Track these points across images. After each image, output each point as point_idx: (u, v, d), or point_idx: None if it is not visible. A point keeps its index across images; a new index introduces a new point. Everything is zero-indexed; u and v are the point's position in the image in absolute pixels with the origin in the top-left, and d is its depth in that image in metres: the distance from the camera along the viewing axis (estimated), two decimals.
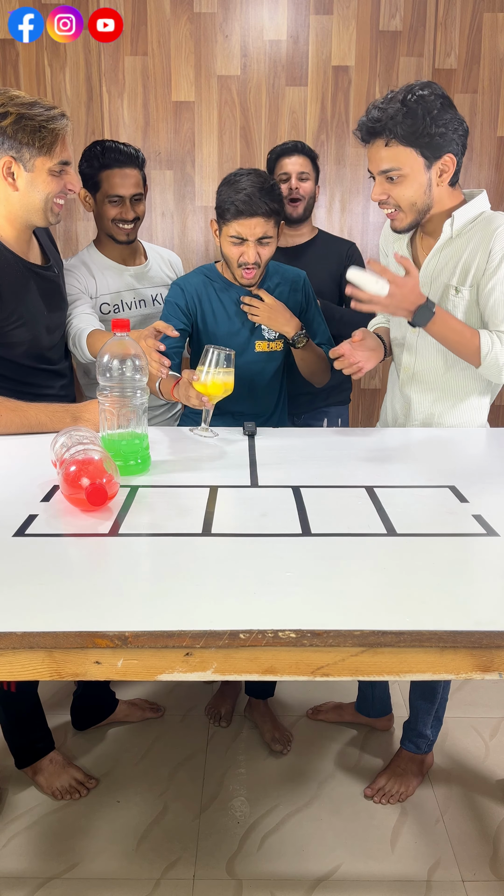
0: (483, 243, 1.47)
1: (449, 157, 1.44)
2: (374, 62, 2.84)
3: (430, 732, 1.81)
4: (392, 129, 1.40)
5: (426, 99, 1.39)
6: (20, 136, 1.43)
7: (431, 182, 1.46)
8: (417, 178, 1.44)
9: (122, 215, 1.88)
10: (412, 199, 1.47)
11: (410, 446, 1.56)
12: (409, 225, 1.51)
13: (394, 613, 0.86)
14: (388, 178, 1.45)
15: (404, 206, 1.48)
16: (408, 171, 1.44)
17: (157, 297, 2.03)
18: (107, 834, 1.68)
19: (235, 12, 2.77)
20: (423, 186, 1.46)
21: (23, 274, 1.57)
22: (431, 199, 1.48)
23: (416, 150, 1.42)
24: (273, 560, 1.00)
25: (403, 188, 1.45)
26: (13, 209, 1.52)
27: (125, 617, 0.85)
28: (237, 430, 1.62)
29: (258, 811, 1.74)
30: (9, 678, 0.86)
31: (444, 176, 1.46)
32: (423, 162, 1.43)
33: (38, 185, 1.49)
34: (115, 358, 1.31)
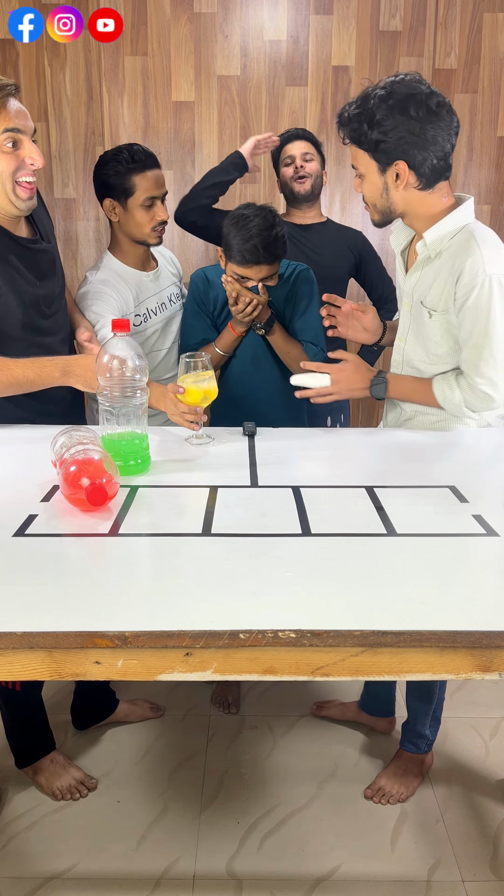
0: (451, 273, 1.43)
1: (401, 163, 1.38)
2: (374, 62, 2.84)
3: (429, 732, 1.81)
4: (345, 131, 1.42)
5: (376, 104, 1.35)
6: None
7: (388, 185, 1.43)
8: (372, 179, 1.44)
9: (160, 217, 1.84)
10: (372, 200, 1.47)
11: (410, 446, 1.56)
12: (379, 221, 1.50)
13: (394, 613, 0.86)
14: (356, 175, 1.48)
15: (369, 204, 1.49)
16: (364, 171, 1.44)
17: (171, 296, 2.01)
18: (107, 834, 1.68)
19: (235, 12, 2.77)
20: (378, 189, 1.44)
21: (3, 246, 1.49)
22: (391, 203, 1.45)
23: (367, 153, 1.41)
24: (273, 560, 1.00)
25: (365, 187, 1.47)
26: None
27: (125, 617, 0.85)
28: (237, 430, 1.62)
29: (258, 811, 1.74)
30: (8, 678, 0.86)
31: (400, 180, 1.41)
32: (376, 165, 1.41)
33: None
34: (115, 358, 1.31)
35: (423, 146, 1.37)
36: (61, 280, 1.67)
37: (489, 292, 1.40)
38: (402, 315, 1.60)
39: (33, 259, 1.56)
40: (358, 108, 1.38)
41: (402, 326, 1.61)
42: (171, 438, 1.58)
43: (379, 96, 1.35)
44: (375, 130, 1.36)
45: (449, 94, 2.88)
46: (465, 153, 2.95)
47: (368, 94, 1.37)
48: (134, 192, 1.81)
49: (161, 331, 1.97)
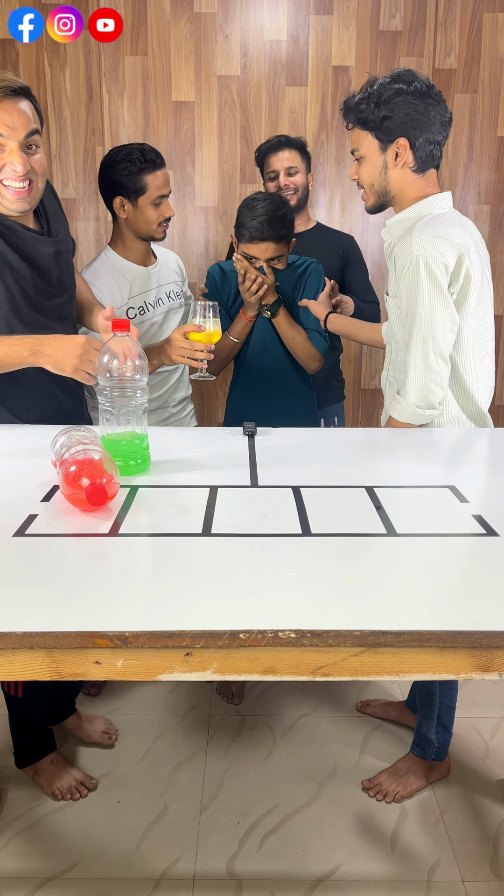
0: (397, 254, 1.54)
1: (402, 140, 1.50)
2: (374, 62, 2.84)
3: (435, 738, 1.78)
4: (349, 115, 1.54)
5: (382, 86, 1.49)
6: None
7: (387, 164, 1.54)
8: (373, 159, 1.54)
9: (166, 214, 1.90)
10: (370, 180, 1.57)
11: (410, 446, 1.56)
12: (373, 205, 1.60)
13: (394, 613, 0.86)
14: (355, 158, 1.58)
15: (366, 187, 1.59)
16: (365, 152, 1.55)
17: (170, 293, 2.04)
18: (107, 834, 1.68)
19: (235, 12, 2.77)
20: (377, 168, 1.55)
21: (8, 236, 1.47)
22: (388, 182, 1.56)
23: (370, 132, 1.52)
24: (273, 560, 1.00)
25: (364, 168, 1.57)
26: None
27: (125, 617, 0.85)
28: (237, 430, 1.62)
29: (258, 811, 1.74)
30: (9, 678, 0.86)
31: (399, 159, 1.52)
32: (377, 144, 1.53)
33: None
34: (115, 358, 1.31)
35: (424, 126, 1.49)
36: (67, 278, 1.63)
37: (415, 272, 1.47)
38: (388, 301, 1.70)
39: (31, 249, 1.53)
40: (365, 93, 1.51)
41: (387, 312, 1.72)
42: (171, 438, 1.58)
43: (383, 82, 1.49)
44: (382, 108, 1.48)
45: (449, 94, 2.88)
46: (465, 153, 2.95)
47: (373, 82, 1.51)
48: (146, 191, 1.86)
49: (160, 325, 1.99)
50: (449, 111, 1.52)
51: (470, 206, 3.01)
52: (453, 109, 2.90)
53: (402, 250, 1.52)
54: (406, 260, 1.48)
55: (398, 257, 1.53)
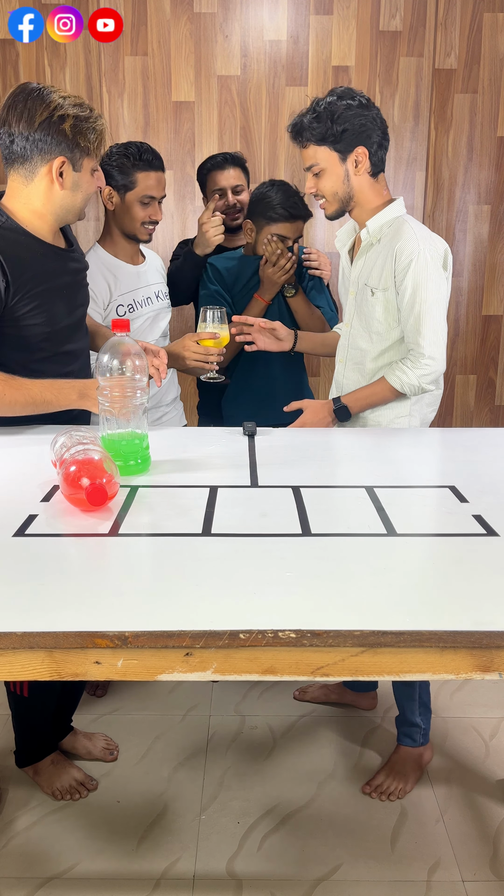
0: (390, 254, 1.65)
1: (360, 149, 1.63)
2: (374, 62, 2.84)
3: (420, 720, 1.80)
4: (305, 134, 1.64)
5: (331, 104, 1.61)
6: (78, 139, 1.46)
7: (349, 172, 1.66)
8: (334, 170, 1.65)
9: (153, 217, 1.92)
10: (333, 189, 1.67)
11: (410, 446, 1.56)
12: (335, 212, 1.72)
13: (394, 613, 0.86)
14: (313, 173, 1.68)
15: (328, 196, 1.69)
16: (325, 165, 1.65)
17: (159, 293, 2.05)
18: (107, 834, 1.68)
19: (235, 12, 2.77)
20: (340, 177, 1.66)
21: (50, 259, 1.55)
22: (351, 188, 1.67)
23: (328, 146, 1.63)
24: (273, 560, 1.00)
25: (324, 180, 1.67)
26: (53, 207, 1.52)
27: (125, 617, 0.85)
28: (237, 430, 1.62)
29: (258, 811, 1.74)
30: (9, 678, 0.86)
31: (359, 166, 1.65)
32: (336, 156, 1.64)
33: (81, 185, 1.53)
34: (115, 358, 1.31)
35: (374, 133, 1.64)
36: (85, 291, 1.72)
37: (420, 269, 1.61)
38: (348, 304, 1.81)
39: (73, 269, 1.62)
40: (314, 113, 1.62)
41: (346, 315, 1.81)
42: (171, 438, 1.58)
43: (330, 101, 1.61)
44: (338, 123, 1.60)
45: (449, 94, 2.88)
46: (465, 153, 2.95)
47: (318, 103, 1.63)
48: (134, 187, 1.88)
49: (149, 325, 2.00)
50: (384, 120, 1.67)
51: (470, 206, 3.01)
52: (453, 109, 2.90)
53: (403, 247, 1.62)
54: (410, 255, 1.61)
55: (399, 254, 1.62)
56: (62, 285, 1.57)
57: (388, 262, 1.65)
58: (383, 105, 2.87)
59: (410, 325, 1.64)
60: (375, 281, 1.68)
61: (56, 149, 1.46)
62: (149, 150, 1.88)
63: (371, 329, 1.73)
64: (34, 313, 1.51)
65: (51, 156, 1.46)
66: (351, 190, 1.67)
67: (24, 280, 1.48)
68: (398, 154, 2.93)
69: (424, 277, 1.61)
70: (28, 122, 1.43)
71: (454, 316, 3.13)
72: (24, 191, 1.50)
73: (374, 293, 1.69)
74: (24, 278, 1.48)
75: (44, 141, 1.44)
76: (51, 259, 1.55)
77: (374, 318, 1.71)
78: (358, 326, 1.76)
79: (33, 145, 1.45)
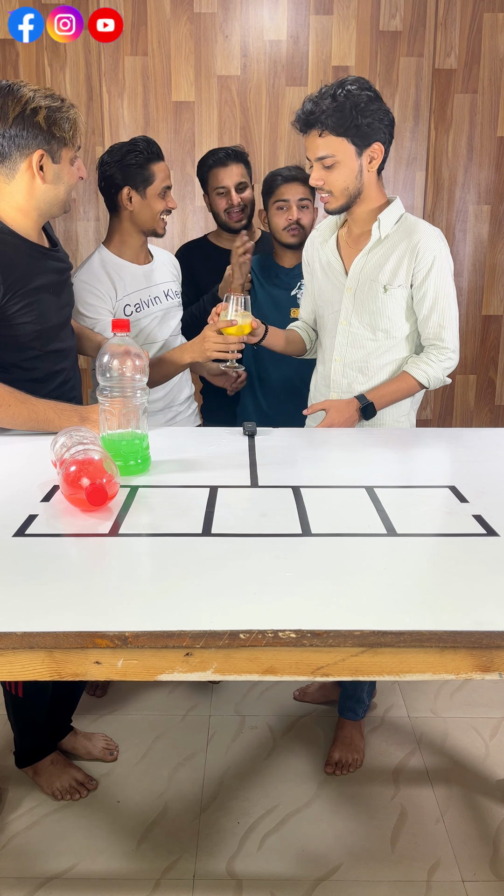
0: (410, 249, 1.65)
1: (377, 145, 1.59)
2: (374, 62, 2.84)
3: (366, 696, 1.93)
4: (324, 122, 1.55)
5: (353, 93, 1.53)
6: (53, 130, 1.47)
7: (363, 168, 1.61)
8: (349, 164, 1.59)
9: (170, 205, 1.91)
10: (345, 184, 1.62)
11: (410, 446, 1.56)
12: (339, 207, 1.66)
13: (394, 613, 0.86)
14: (323, 165, 1.60)
15: (337, 191, 1.63)
16: (340, 158, 1.58)
17: (169, 292, 2.03)
18: (107, 834, 1.68)
19: (235, 12, 2.77)
20: (354, 172, 1.61)
21: (36, 259, 1.56)
22: (362, 184, 1.64)
23: (346, 139, 1.56)
24: (273, 560, 1.00)
25: (337, 174, 1.60)
26: (37, 202, 1.52)
27: (125, 617, 0.85)
28: (237, 430, 1.62)
29: (258, 811, 1.74)
30: (9, 678, 0.86)
31: (373, 162, 1.61)
32: (353, 150, 1.58)
33: (63, 177, 1.53)
34: (115, 358, 1.31)
35: (390, 126, 1.61)
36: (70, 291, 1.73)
37: (443, 266, 1.66)
38: (343, 301, 1.75)
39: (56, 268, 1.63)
40: (334, 100, 1.53)
41: (343, 312, 1.76)
42: (171, 438, 1.58)
43: (350, 90, 1.53)
44: (362, 115, 1.54)
45: (449, 94, 2.88)
46: (465, 153, 2.95)
47: (335, 89, 1.54)
48: (153, 180, 1.87)
49: (158, 324, 1.99)
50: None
51: (470, 206, 3.01)
52: (453, 109, 2.91)
53: (426, 245, 1.64)
54: (434, 252, 1.64)
55: (422, 251, 1.64)
56: (49, 284, 1.58)
57: (405, 258, 1.65)
58: None
59: (434, 321, 1.68)
60: (388, 277, 1.67)
61: (33, 142, 1.46)
62: (153, 142, 1.89)
63: (378, 326, 1.71)
64: (24, 312, 1.52)
65: (29, 150, 1.47)
66: (361, 186, 1.63)
67: (13, 279, 1.49)
68: (398, 154, 2.93)
69: (446, 274, 1.66)
70: (2, 119, 1.44)
71: None
72: (7, 189, 1.51)
73: (386, 289, 1.67)
74: (13, 277, 1.49)
75: (20, 136, 1.45)
76: (37, 258, 1.56)
77: (383, 314, 1.70)
78: (359, 324, 1.74)
79: (10, 142, 1.45)
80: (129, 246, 1.96)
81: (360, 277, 1.72)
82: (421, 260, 1.64)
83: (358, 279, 1.72)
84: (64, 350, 1.66)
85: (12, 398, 1.47)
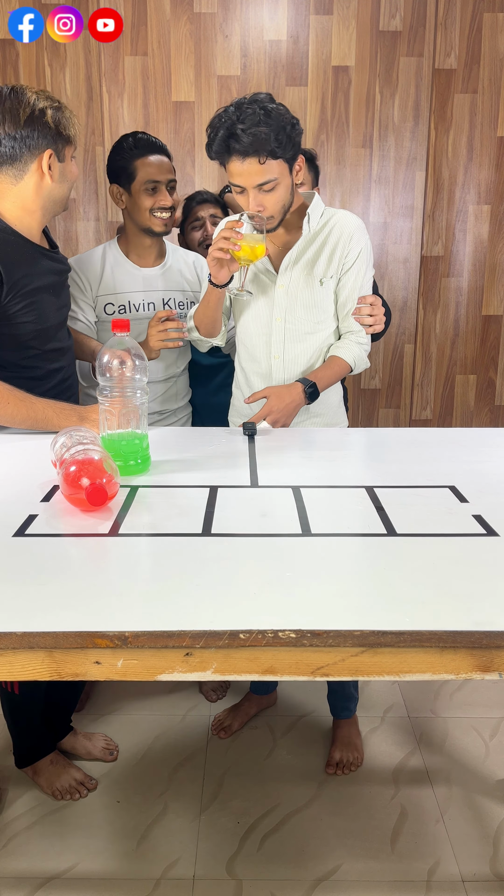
0: (340, 241, 1.70)
1: (300, 156, 1.61)
2: (374, 62, 2.84)
3: (354, 690, 1.96)
4: (266, 148, 1.50)
5: (280, 112, 1.51)
6: (60, 128, 1.50)
7: (293, 181, 1.62)
8: (286, 182, 1.58)
9: (161, 202, 1.86)
10: (283, 203, 1.60)
11: (410, 446, 1.56)
12: (277, 224, 1.64)
13: (394, 613, 0.86)
14: (262, 190, 1.55)
15: (277, 212, 1.60)
16: (280, 179, 1.56)
17: (170, 301, 1.98)
18: (107, 834, 1.68)
19: (235, 12, 2.77)
20: (289, 189, 1.61)
21: (38, 259, 1.58)
22: (293, 197, 1.65)
23: (283, 159, 1.55)
24: (273, 560, 1.00)
25: (276, 195, 1.58)
26: (43, 201, 1.54)
27: (125, 617, 0.85)
28: (237, 430, 1.62)
29: (258, 811, 1.74)
30: (9, 678, 0.86)
31: (299, 174, 1.63)
32: (287, 167, 1.57)
33: (67, 175, 1.57)
34: (115, 358, 1.31)
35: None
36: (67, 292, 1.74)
37: (368, 256, 1.74)
38: (276, 299, 1.74)
39: (55, 269, 1.64)
40: (268, 125, 1.49)
41: (277, 309, 1.74)
42: (171, 438, 1.58)
43: (272, 107, 1.51)
44: (293, 132, 1.54)
45: (449, 94, 2.88)
46: (465, 153, 2.95)
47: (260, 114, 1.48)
48: (135, 176, 1.84)
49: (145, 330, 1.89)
50: None
51: (470, 206, 3.01)
52: (453, 109, 2.90)
53: (353, 236, 1.70)
54: (360, 243, 1.71)
55: (351, 242, 1.70)
56: (49, 284, 1.59)
57: (337, 249, 1.70)
58: (383, 105, 2.88)
59: (349, 293, 1.74)
60: (322, 271, 1.71)
61: (43, 142, 1.49)
62: (144, 137, 1.86)
63: (316, 318, 1.74)
64: (24, 311, 1.53)
65: (39, 150, 1.49)
66: (292, 198, 1.64)
67: (16, 279, 1.51)
68: (398, 154, 2.93)
69: (370, 262, 1.75)
70: (13, 121, 1.46)
71: (454, 316, 3.13)
72: (13, 190, 1.52)
73: (322, 283, 1.72)
74: (15, 277, 1.51)
75: (31, 137, 1.48)
76: (38, 259, 1.57)
77: (320, 307, 1.73)
78: (300, 317, 1.73)
79: (21, 143, 1.47)
80: (135, 245, 1.94)
81: (292, 274, 1.72)
82: (350, 251, 1.70)
83: (290, 275, 1.72)
84: (62, 349, 1.67)
85: (12, 396, 1.47)
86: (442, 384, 3.20)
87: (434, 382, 3.19)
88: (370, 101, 2.87)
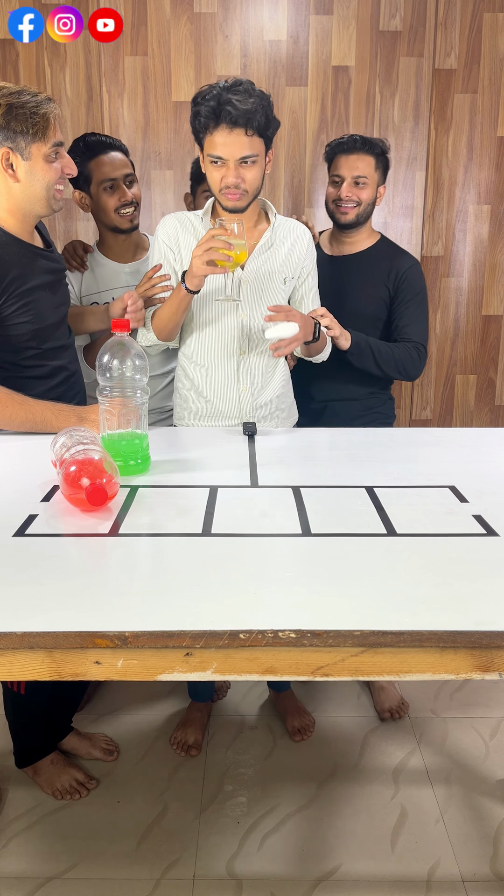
0: (296, 244, 1.76)
1: (271, 149, 1.64)
2: (374, 62, 2.84)
3: None
4: (254, 123, 1.54)
5: (262, 95, 1.56)
6: (14, 125, 1.43)
7: (265, 168, 1.64)
8: (261, 163, 1.61)
9: (121, 199, 1.87)
10: (257, 184, 1.63)
11: (410, 446, 1.56)
12: (245, 206, 1.64)
13: (394, 613, 0.86)
14: (243, 163, 1.57)
15: (251, 189, 1.62)
16: (259, 158, 1.59)
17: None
18: (107, 834, 1.68)
19: (235, 12, 2.77)
20: (262, 172, 1.63)
21: (30, 259, 1.56)
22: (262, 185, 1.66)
23: (263, 139, 1.59)
24: (273, 560, 1.00)
25: (254, 171, 1.60)
26: (16, 201, 1.52)
27: (125, 617, 0.85)
28: (237, 430, 1.62)
29: (258, 811, 1.74)
30: (9, 678, 0.86)
31: (269, 165, 1.65)
32: (264, 149, 1.61)
33: (37, 174, 1.49)
34: (115, 358, 1.31)
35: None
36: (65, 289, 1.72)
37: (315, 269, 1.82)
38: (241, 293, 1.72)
39: (51, 269, 1.63)
40: (252, 98, 1.52)
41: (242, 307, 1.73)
42: (171, 438, 1.58)
43: (258, 90, 1.56)
44: (271, 119, 1.58)
45: (449, 94, 2.88)
46: (465, 153, 2.95)
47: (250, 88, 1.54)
48: (91, 178, 1.85)
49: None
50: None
51: (470, 206, 3.01)
52: (453, 109, 2.90)
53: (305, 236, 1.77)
54: (309, 242, 1.79)
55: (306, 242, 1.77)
56: (44, 283, 1.58)
57: (294, 250, 1.76)
58: (383, 105, 2.88)
59: (311, 300, 1.83)
60: (284, 271, 1.75)
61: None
62: (92, 137, 1.87)
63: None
64: (20, 312, 1.52)
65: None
66: (262, 185, 1.65)
67: (8, 280, 1.49)
68: (398, 154, 2.93)
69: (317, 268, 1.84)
70: None
71: (454, 316, 3.13)
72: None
73: (286, 281, 1.76)
74: (8, 278, 1.49)
75: None
76: (31, 258, 1.56)
77: (279, 303, 1.75)
78: (260, 315, 1.70)
79: None
80: (110, 245, 1.97)
81: (256, 269, 1.72)
82: (308, 250, 1.78)
83: (256, 271, 1.72)
84: (62, 346, 1.66)
85: (9, 399, 1.47)
86: (442, 384, 3.19)
87: (434, 382, 3.19)
88: (370, 101, 2.87)
